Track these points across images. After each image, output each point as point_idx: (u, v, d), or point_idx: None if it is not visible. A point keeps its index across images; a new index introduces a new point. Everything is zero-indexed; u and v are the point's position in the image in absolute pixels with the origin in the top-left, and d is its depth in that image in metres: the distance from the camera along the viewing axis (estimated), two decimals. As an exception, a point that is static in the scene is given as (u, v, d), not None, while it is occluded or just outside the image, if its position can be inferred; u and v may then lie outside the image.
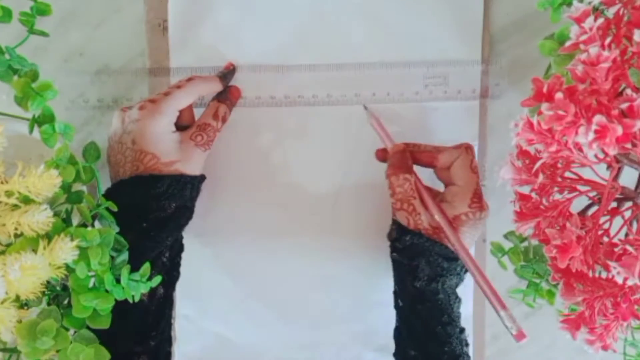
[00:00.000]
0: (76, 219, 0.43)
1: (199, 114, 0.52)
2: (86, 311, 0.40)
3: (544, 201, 0.39)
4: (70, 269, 0.39)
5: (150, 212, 0.47)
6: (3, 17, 0.43)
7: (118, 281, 0.41)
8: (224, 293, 0.58)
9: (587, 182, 0.38)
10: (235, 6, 0.55)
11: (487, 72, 0.55)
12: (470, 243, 0.49)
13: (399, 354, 0.51)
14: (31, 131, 0.43)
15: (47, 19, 0.46)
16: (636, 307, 0.37)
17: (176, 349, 0.58)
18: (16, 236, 0.37)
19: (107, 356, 0.40)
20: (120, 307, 0.42)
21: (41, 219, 0.37)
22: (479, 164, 0.56)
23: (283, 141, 0.56)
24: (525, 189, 0.39)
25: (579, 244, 0.35)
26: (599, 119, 0.31)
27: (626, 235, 0.38)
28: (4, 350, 0.42)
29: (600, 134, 0.31)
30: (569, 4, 0.42)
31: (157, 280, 0.43)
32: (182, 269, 0.51)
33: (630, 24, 0.36)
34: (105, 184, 0.49)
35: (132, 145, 0.47)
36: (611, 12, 0.37)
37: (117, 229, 0.43)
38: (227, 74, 0.54)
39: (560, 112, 0.32)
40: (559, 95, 0.33)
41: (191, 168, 0.49)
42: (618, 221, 0.38)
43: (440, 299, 0.48)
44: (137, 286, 0.42)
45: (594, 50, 0.33)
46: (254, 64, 0.55)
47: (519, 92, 0.56)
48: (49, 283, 0.40)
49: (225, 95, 0.53)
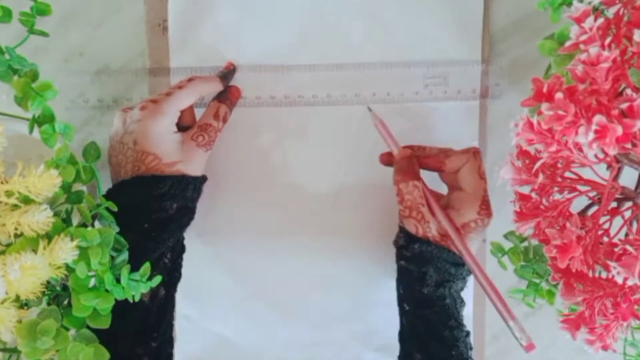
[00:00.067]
0: (76, 219, 0.43)
1: (199, 114, 0.52)
2: (86, 311, 0.40)
3: (544, 201, 0.39)
4: (70, 269, 0.39)
5: (151, 213, 0.47)
6: (3, 17, 0.43)
7: (118, 281, 0.41)
8: (224, 293, 0.58)
9: (587, 182, 0.38)
10: (235, 6, 0.55)
11: (487, 72, 0.55)
12: (475, 247, 0.49)
13: (405, 356, 0.51)
14: (31, 131, 0.43)
15: (47, 19, 0.46)
16: (636, 307, 0.37)
17: (176, 349, 0.57)
18: (16, 236, 0.37)
19: (107, 356, 0.40)
20: (121, 308, 0.42)
21: (41, 219, 0.37)
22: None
23: (283, 141, 0.56)
24: (525, 189, 0.39)
25: (579, 244, 0.35)
26: (599, 119, 0.31)
27: (626, 235, 0.38)
28: (4, 350, 0.42)
29: (600, 134, 0.31)
30: (569, 4, 0.42)
31: (157, 280, 0.43)
32: (183, 269, 0.51)
33: (630, 24, 0.36)
34: (105, 184, 0.49)
35: (133, 145, 0.47)
36: (611, 12, 0.37)
37: (117, 229, 0.43)
38: (227, 73, 0.54)
39: (560, 112, 0.32)
40: (559, 95, 0.33)
41: (193, 169, 0.49)
42: (618, 221, 0.38)
43: (447, 303, 0.48)
44: (137, 286, 0.42)
45: (594, 50, 0.33)
46: (254, 64, 0.55)
47: (519, 92, 0.56)
48: (49, 283, 0.40)
49: (226, 95, 0.53)
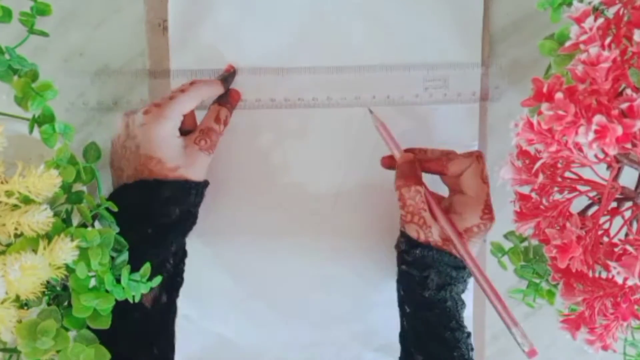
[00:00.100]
0: (76, 219, 0.43)
1: (199, 116, 0.52)
2: (86, 311, 0.40)
3: (544, 201, 0.39)
4: (70, 269, 0.39)
5: (154, 218, 0.47)
6: (3, 17, 0.43)
7: (118, 281, 0.41)
8: (224, 293, 0.58)
9: (587, 182, 0.38)
10: (235, 6, 0.55)
11: (487, 75, 0.55)
12: (476, 249, 0.48)
13: (406, 358, 0.51)
14: (31, 131, 0.43)
15: (47, 19, 0.46)
16: (636, 307, 0.37)
17: (176, 349, 0.57)
18: (16, 236, 0.37)
19: (108, 356, 0.40)
20: (122, 314, 0.42)
21: (41, 219, 0.37)
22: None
23: (283, 143, 0.56)
24: (525, 189, 0.39)
25: (579, 244, 0.35)
26: (599, 119, 0.31)
27: (626, 235, 0.38)
28: (4, 350, 0.42)
29: (600, 134, 0.31)
30: (569, 4, 0.42)
31: (158, 280, 0.43)
32: (183, 269, 0.51)
33: (630, 24, 0.36)
34: (105, 185, 0.49)
35: (136, 150, 0.47)
36: (611, 12, 0.37)
37: (117, 229, 0.43)
38: (227, 76, 0.54)
39: (560, 112, 0.32)
40: (559, 95, 0.33)
41: (195, 173, 0.49)
42: (618, 221, 0.38)
43: (448, 306, 0.48)
44: (138, 286, 0.42)
45: (594, 50, 0.33)
46: (254, 67, 0.55)
47: (519, 92, 0.56)
48: (49, 283, 0.40)
49: (226, 98, 0.53)
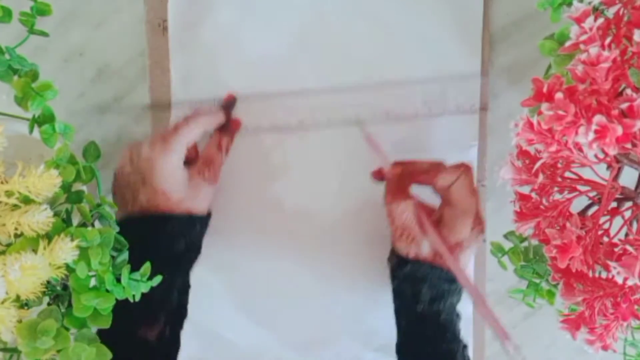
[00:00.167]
0: (76, 219, 0.43)
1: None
2: (87, 311, 0.40)
3: (544, 201, 0.39)
4: (70, 269, 0.39)
5: (159, 252, 0.47)
6: (3, 17, 0.43)
7: (119, 281, 0.41)
8: (224, 293, 0.58)
9: (587, 182, 0.38)
10: (235, 6, 0.55)
11: (486, 84, 0.55)
12: (470, 258, 0.49)
13: None
14: (31, 131, 0.43)
15: (47, 19, 0.46)
16: (636, 307, 0.37)
17: (176, 349, 0.58)
18: (16, 236, 0.37)
19: (109, 355, 0.40)
20: (127, 349, 0.41)
21: (41, 219, 0.37)
22: (479, 164, 0.56)
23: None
24: (525, 189, 0.39)
25: (579, 244, 0.35)
26: (599, 119, 0.31)
27: (626, 235, 0.38)
28: (4, 350, 0.42)
29: (600, 134, 0.31)
30: (569, 4, 0.42)
31: (158, 279, 0.43)
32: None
33: (630, 24, 0.36)
34: (105, 185, 0.49)
35: (142, 183, 0.47)
36: (611, 12, 0.37)
37: (117, 229, 0.43)
38: (228, 104, 0.54)
39: (560, 112, 0.32)
40: (559, 95, 0.33)
41: (200, 204, 0.49)
42: (618, 221, 0.38)
43: (443, 319, 0.48)
44: (138, 286, 0.42)
45: (594, 50, 0.33)
46: (253, 93, 0.55)
47: (519, 92, 0.56)
48: (49, 283, 0.40)
49: (227, 126, 0.53)
